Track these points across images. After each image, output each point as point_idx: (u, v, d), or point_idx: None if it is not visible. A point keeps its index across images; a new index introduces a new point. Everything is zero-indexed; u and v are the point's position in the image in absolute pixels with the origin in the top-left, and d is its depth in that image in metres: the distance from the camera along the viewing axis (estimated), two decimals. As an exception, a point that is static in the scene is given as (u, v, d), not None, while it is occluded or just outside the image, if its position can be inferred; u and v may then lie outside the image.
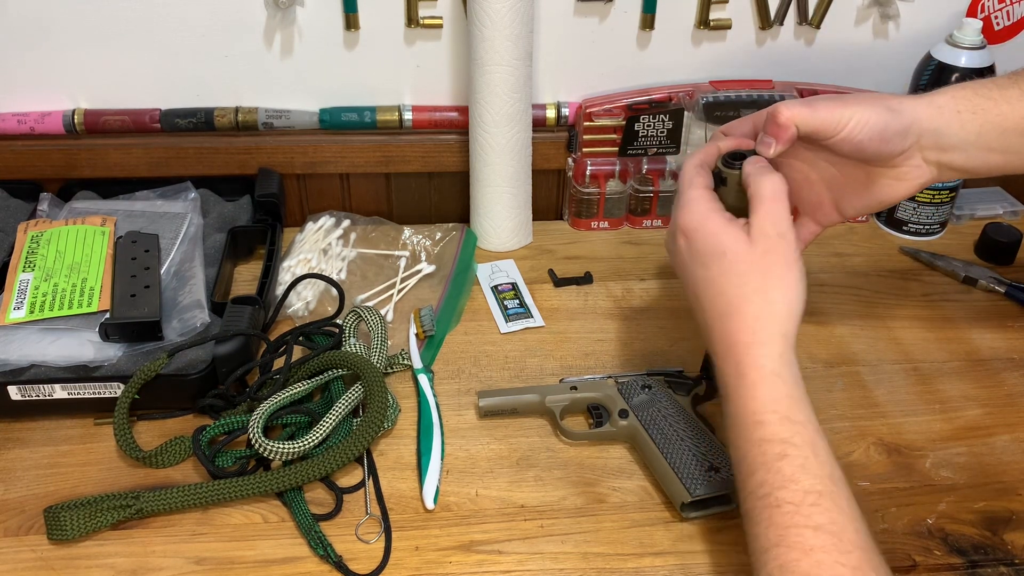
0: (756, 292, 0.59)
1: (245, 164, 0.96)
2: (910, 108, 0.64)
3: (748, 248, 0.59)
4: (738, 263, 0.59)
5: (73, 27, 0.89)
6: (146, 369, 0.71)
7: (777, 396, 0.56)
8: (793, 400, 0.57)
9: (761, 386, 0.57)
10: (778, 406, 0.56)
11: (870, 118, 0.62)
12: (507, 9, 0.82)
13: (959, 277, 0.92)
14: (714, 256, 0.60)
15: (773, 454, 0.54)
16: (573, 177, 0.98)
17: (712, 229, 0.61)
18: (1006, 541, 0.64)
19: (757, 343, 0.58)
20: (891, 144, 0.63)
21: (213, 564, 0.62)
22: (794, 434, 0.55)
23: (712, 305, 0.60)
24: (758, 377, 0.57)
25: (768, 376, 0.57)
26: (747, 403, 0.57)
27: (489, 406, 0.73)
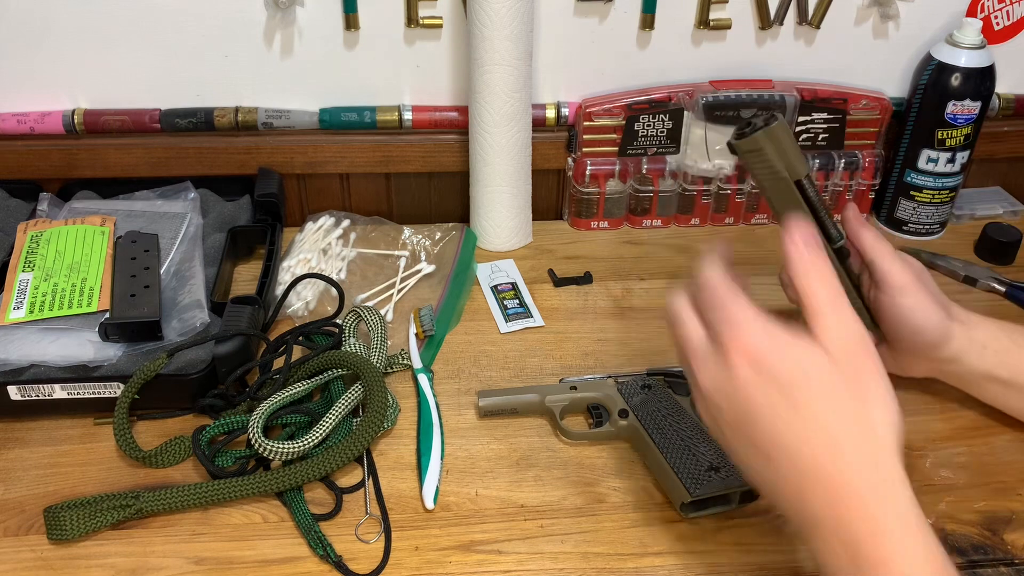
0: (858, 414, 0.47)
1: (245, 164, 0.96)
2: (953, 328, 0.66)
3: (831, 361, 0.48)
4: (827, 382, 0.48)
5: (73, 27, 0.89)
6: (146, 369, 0.71)
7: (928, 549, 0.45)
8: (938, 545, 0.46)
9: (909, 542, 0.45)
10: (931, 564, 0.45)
11: (924, 315, 0.65)
12: (507, 9, 0.82)
13: (959, 277, 0.92)
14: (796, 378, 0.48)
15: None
16: (573, 177, 0.98)
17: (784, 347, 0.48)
18: (1006, 541, 0.64)
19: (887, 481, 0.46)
20: (921, 343, 0.67)
21: (213, 564, 0.62)
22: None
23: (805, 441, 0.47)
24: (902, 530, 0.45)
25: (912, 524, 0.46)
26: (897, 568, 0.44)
27: (489, 406, 0.73)
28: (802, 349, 0.48)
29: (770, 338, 0.49)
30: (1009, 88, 1.01)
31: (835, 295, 0.49)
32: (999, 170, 1.07)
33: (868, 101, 0.96)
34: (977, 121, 0.92)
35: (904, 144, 0.96)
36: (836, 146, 0.98)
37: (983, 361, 0.68)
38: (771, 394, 0.48)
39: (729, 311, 0.50)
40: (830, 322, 0.49)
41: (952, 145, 0.93)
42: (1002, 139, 1.02)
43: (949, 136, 0.93)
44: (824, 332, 0.49)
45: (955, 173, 0.95)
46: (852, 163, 0.98)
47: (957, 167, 0.95)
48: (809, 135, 0.97)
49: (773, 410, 0.48)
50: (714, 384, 0.51)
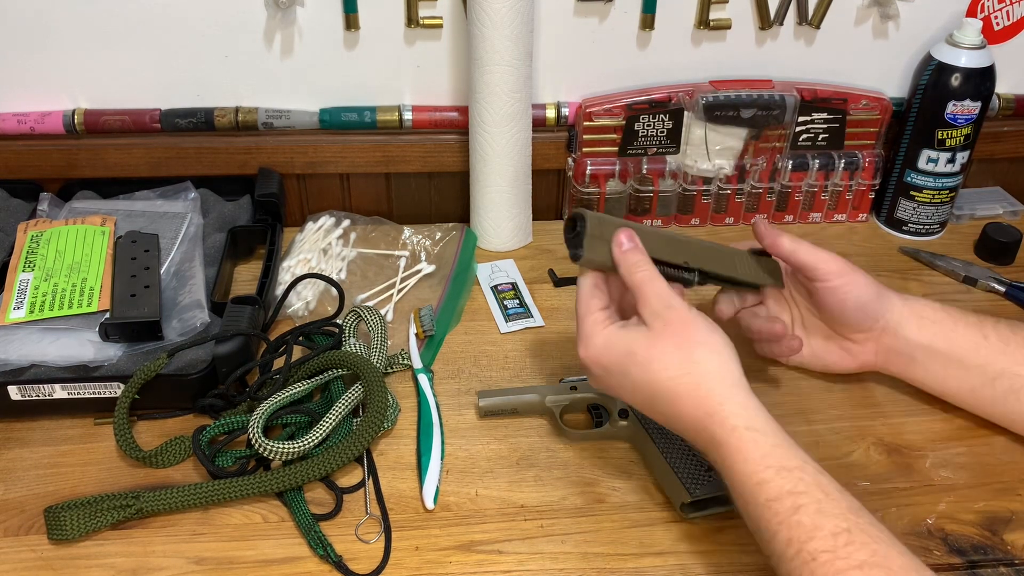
0: (683, 363, 0.58)
1: (245, 164, 0.96)
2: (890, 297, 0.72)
3: (648, 334, 0.60)
4: (650, 351, 0.59)
5: (73, 27, 0.89)
6: (146, 369, 0.71)
7: (763, 450, 0.55)
8: (780, 448, 0.56)
9: (743, 447, 0.56)
10: (769, 460, 0.55)
11: (862, 289, 0.70)
12: (507, 9, 0.82)
13: (959, 277, 0.92)
14: (627, 361, 0.60)
15: (786, 510, 0.53)
16: (573, 177, 0.98)
17: (610, 342, 0.61)
18: (1006, 541, 0.64)
19: (715, 408, 0.57)
20: (863, 317, 0.71)
21: (213, 564, 0.62)
22: (797, 481, 0.54)
23: (656, 402, 0.60)
24: (736, 440, 0.56)
25: (744, 433, 0.56)
26: (739, 468, 0.55)
27: (489, 406, 0.73)
28: (623, 335, 0.61)
29: (602, 339, 0.61)
30: (1009, 88, 1.01)
31: (648, 279, 0.61)
32: (999, 170, 1.07)
33: (868, 101, 0.96)
34: (977, 121, 0.92)
35: (904, 144, 0.96)
36: (836, 146, 0.98)
37: (922, 332, 0.71)
38: (617, 377, 0.61)
39: (581, 326, 0.63)
40: (646, 302, 0.61)
41: (952, 145, 0.93)
42: (1002, 139, 1.02)
43: (949, 136, 0.93)
44: (644, 311, 0.61)
45: (955, 173, 0.95)
46: (852, 163, 0.98)
47: (957, 167, 0.95)
48: (809, 135, 0.97)
49: (622, 386, 0.61)
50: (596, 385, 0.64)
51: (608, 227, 0.65)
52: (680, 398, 0.58)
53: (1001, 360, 0.69)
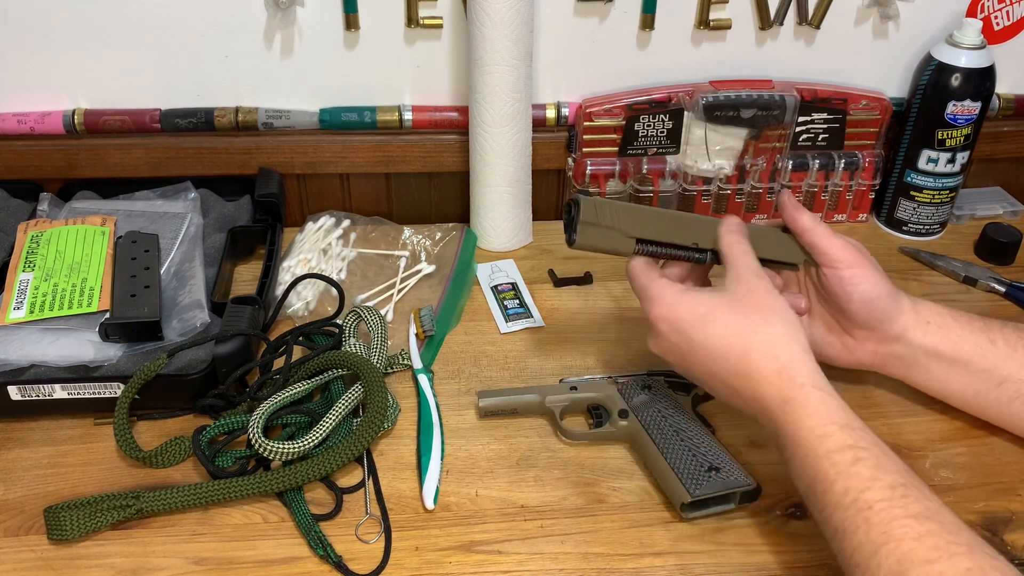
0: (758, 324, 0.61)
1: (245, 164, 0.96)
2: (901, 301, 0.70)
3: (729, 296, 0.63)
4: (728, 312, 0.62)
5: (73, 27, 0.89)
6: (146, 369, 0.71)
7: (830, 407, 0.57)
8: (843, 409, 0.58)
9: (810, 402, 0.57)
10: (834, 417, 0.57)
11: (873, 285, 0.68)
12: (507, 9, 0.82)
13: (959, 277, 0.92)
14: (703, 320, 0.62)
15: (846, 461, 0.54)
16: (573, 177, 0.98)
17: (691, 298, 0.63)
18: (1006, 541, 0.64)
19: (786, 366, 0.59)
20: (868, 316, 0.69)
21: (213, 564, 0.62)
22: (859, 438, 0.55)
23: (726, 361, 0.61)
24: (803, 396, 0.58)
25: (812, 391, 0.58)
26: (803, 422, 0.57)
27: (489, 406, 0.73)
28: (705, 294, 0.64)
29: (677, 297, 0.64)
30: (1009, 88, 1.01)
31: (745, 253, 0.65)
32: (999, 170, 1.07)
33: (868, 101, 0.96)
34: (977, 121, 0.92)
35: (904, 144, 0.96)
36: (836, 146, 0.98)
37: (927, 336, 0.70)
38: (688, 336, 0.63)
39: (648, 290, 0.66)
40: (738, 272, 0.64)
41: (952, 145, 0.93)
42: (1002, 139, 1.02)
43: (949, 136, 0.93)
44: (730, 277, 0.64)
45: (955, 173, 0.95)
46: (852, 163, 0.98)
47: (957, 167, 0.95)
48: (809, 135, 0.97)
49: (692, 345, 0.63)
50: (658, 350, 0.67)
51: (606, 213, 0.66)
52: (751, 355, 0.60)
53: (1008, 365, 0.68)
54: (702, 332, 0.62)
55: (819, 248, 0.69)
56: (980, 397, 0.70)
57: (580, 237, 0.66)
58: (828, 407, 0.57)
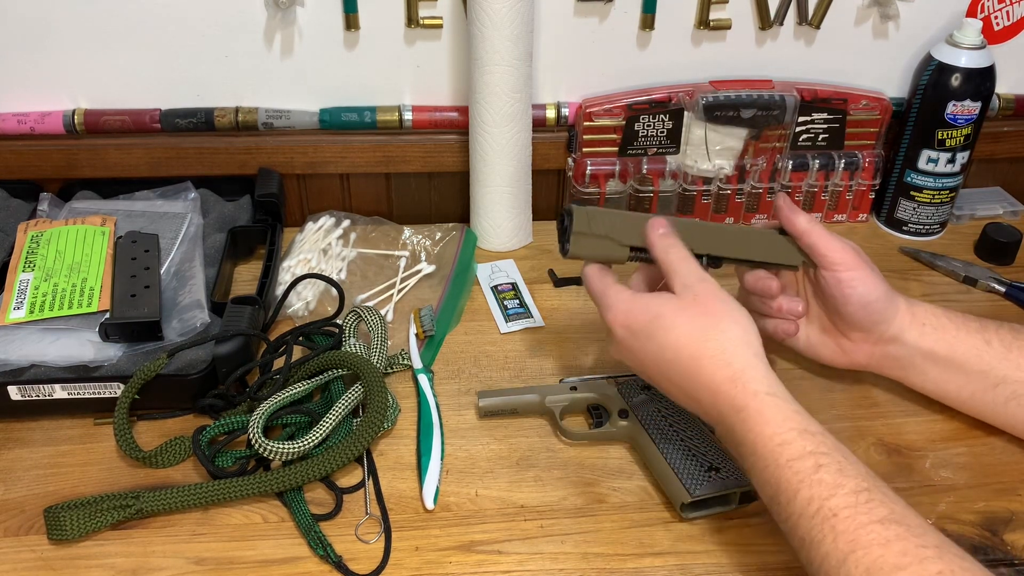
0: (708, 330, 0.60)
1: (245, 164, 0.96)
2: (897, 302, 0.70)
3: (677, 301, 0.62)
4: (677, 317, 0.61)
5: (73, 27, 0.89)
6: (146, 369, 0.71)
7: (786, 413, 0.56)
8: (800, 414, 0.57)
9: (765, 410, 0.57)
10: (791, 423, 0.56)
11: (870, 288, 0.69)
12: (507, 9, 0.82)
13: (959, 277, 0.92)
14: (653, 325, 0.61)
15: (807, 469, 0.53)
16: (573, 177, 0.98)
17: (639, 306, 0.63)
18: (1006, 541, 0.64)
19: (739, 373, 0.58)
20: (866, 318, 0.70)
21: (213, 564, 0.62)
22: (819, 444, 0.55)
23: (678, 366, 0.60)
24: (758, 403, 0.57)
25: (766, 399, 0.57)
26: (761, 431, 0.56)
27: (489, 406, 0.73)
28: (654, 300, 0.63)
29: (628, 304, 0.63)
30: (1009, 88, 1.01)
31: (684, 257, 0.64)
32: (999, 170, 1.07)
33: (868, 101, 0.96)
34: (977, 121, 0.92)
35: (904, 144, 0.96)
36: (836, 146, 0.98)
37: (923, 338, 0.70)
38: (641, 341, 0.62)
39: (601, 298, 0.65)
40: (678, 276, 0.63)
41: (952, 145, 0.93)
42: (1002, 139, 1.02)
43: (949, 136, 0.93)
44: (674, 283, 0.63)
45: (955, 173, 0.95)
46: (852, 163, 0.98)
47: (957, 167, 0.95)
48: (809, 135, 0.97)
49: (645, 351, 0.62)
50: (618, 354, 0.66)
51: (598, 222, 0.67)
52: (702, 361, 0.59)
53: (1003, 366, 0.68)
54: (653, 338, 0.61)
55: (817, 250, 0.69)
56: (976, 398, 0.70)
57: (573, 247, 0.67)
58: (784, 413, 0.56)
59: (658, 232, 0.66)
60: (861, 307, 0.69)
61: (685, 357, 0.60)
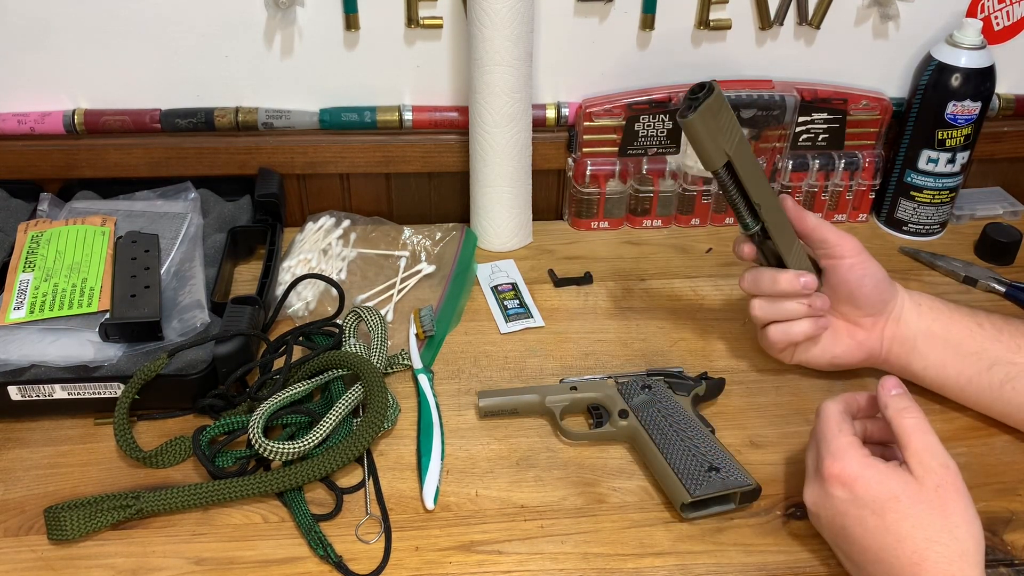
0: (941, 533, 0.55)
1: (245, 164, 0.96)
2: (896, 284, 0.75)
3: (919, 488, 0.56)
4: (914, 506, 0.56)
5: (73, 27, 0.89)
6: (146, 369, 0.71)
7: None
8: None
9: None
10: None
11: (876, 268, 0.73)
12: (507, 9, 0.82)
13: (959, 277, 0.92)
14: (883, 505, 0.56)
15: None
16: (573, 177, 0.98)
17: (877, 476, 0.58)
18: (1006, 541, 0.64)
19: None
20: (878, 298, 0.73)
21: (213, 564, 0.62)
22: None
23: (892, 559, 0.55)
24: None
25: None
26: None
27: (489, 406, 0.73)
28: (893, 477, 0.57)
29: (864, 467, 0.58)
30: (1009, 88, 1.01)
31: (920, 428, 0.58)
32: (999, 170, 1.07)
33: (868, 101, 0.96)
34: (977, 121, 0.92)
35: (904, 144, 0.96)
36: (836, 146, 0.98)
37: (922, 318, 0.74)
38: (863, 513, 0.57)
39: (832, 443, 0.60)
40: (918, 455, 0.57)
41: (952, 145, 0.93)
42: (1002, 139, 1.02)
43: (949, 136, 0.93)
44: (913, 461, 0.57)
45: (955, 173, 0.95)
46: (852, 163, 0.98)
47: (957, 167, 0.95)
48: (809, 135, 0.97)
49: (863, 526, 0.57)
50: (815, 501, 0.61)
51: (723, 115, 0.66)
52: (925, 564, 0.54)
53: (996, 348, 0.71)
54: (878, 516, 0.56)
55: (830, 242, 0.72)
56: (973, 383, 0.72)
57: (697, 118, 0.64)
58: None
59: (891, 392, 0.61)
60: (873, 286, 0.73)
61: (907, 552, 0.55)
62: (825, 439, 0.61)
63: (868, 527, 0.57)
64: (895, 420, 0.60)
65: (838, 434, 0.60)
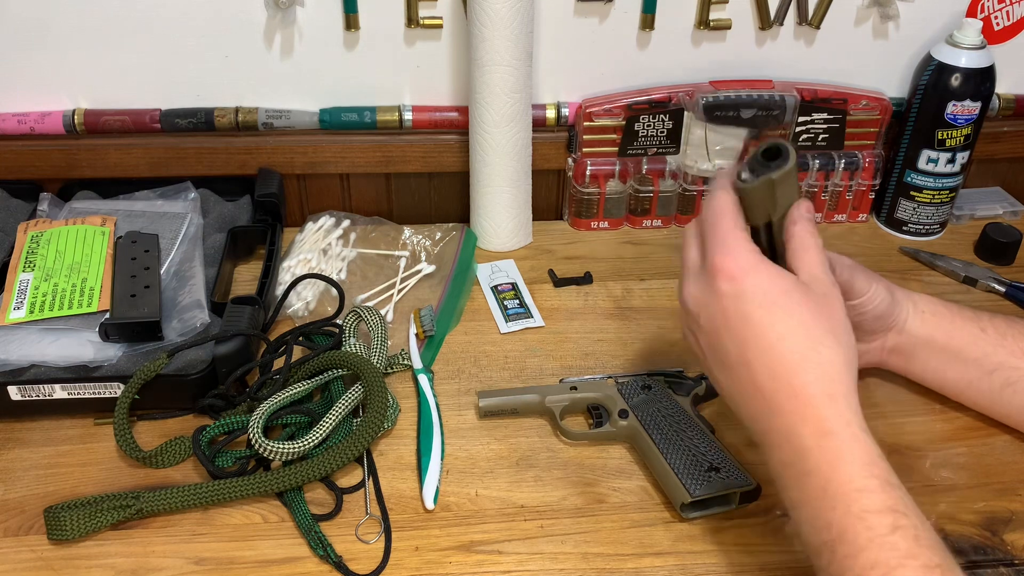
0: (826, 335, 0.53)
1: (245, 164, 0.96)
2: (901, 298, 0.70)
3: (807, 290, 0.54)
4: (803, 304, 0.53)
5: (73, 27, 0.89)
6: (146, 369, 0.71)
7: (872, 457, 0.50)
8: (883, 461, 0.51)
9: (854, 445, 0.50)
10: (876, 468, 0.50)
11: (883, 298, 0.69)
12: (507, 9, 0.82)
13: (959, 277, 0.92)
14: (773, 300, 0.54)
15: (883, 527, 0.47)
16: (573, 177, 0.98)
17: (768, 270, 0.55)
18: (1006, 541, 0.64)
19: (838, 394, 0.52)
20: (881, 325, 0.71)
21: (213, 564, 0.62)
22: (898, 500, 0.49)
23: (773, 357, 0.53)
24: (849, 435, 0.51)
25: (858, 433, 0.51)
26: (840, 468, 0.50)
27: (489, 406, 0.73)
28: (783, 275, 0.55)
29: (754, 262, 0.55)
30: (1009, 88, 1.01)
31: (819, 247, 0.56)
32: (999, 170, 1.07)
33: (868, 101, 0.96)
34: (977, 121, 0.92)
35: (904, 144, 0.96)
36: (836, 146, 0.98)
37: (924, 326, 0.71)
38: (744, 311, 0.54)
39: (722, 234, 0.56)
40: (812, 266, 0.56)
41: (952, 145, 0.93)
42: (1002, 139, 1.02)
43: (949, 136, 0.93)
44: (805, 271, 0.56)
45: (955, 173, 0.95)
46: (852, 163, 0.98)
47: (957, 167, 0.95)
48: (809, 135, 0.97)
49: (740, 323, 0.54)
50: (696, 298, 0.57)
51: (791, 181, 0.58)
52: (806, 365, 0.52)
53: (999, 353, 0.69)
54: (766, 312, 0.53)
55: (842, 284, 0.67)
56: (973, 387, 0.71)
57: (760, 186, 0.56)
58: (871, 456, 0.50)
59: (803, 211, 0.58)
60: (875, 320, 0.70)
61: (791, 351, 0.53)
62: (717, 231, 0.56)
63: (752, 322, 0.54)
64: (794, 228, 0.57)
65: (733, 228, 0.56)
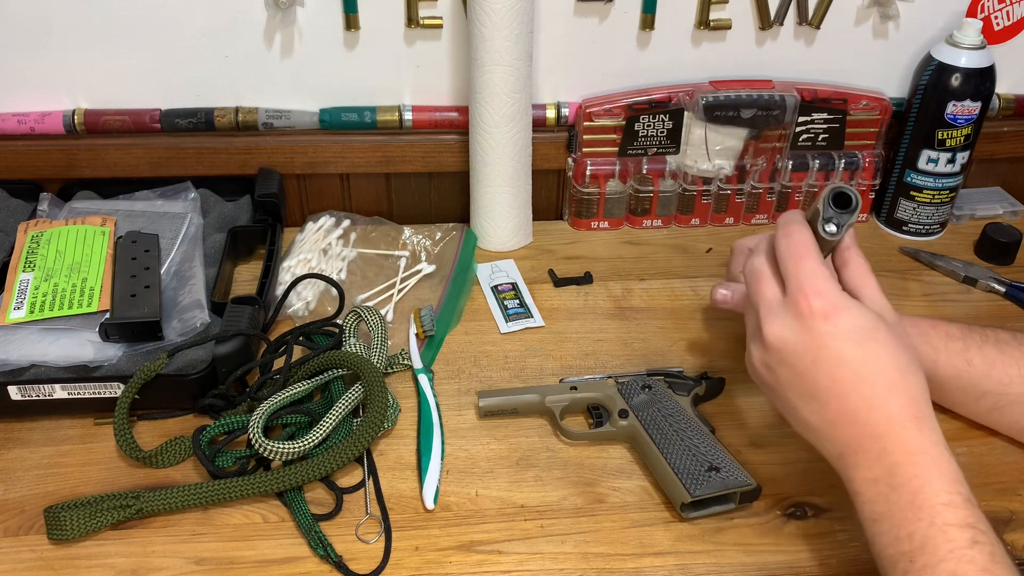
0: (911, 364, 0.56)
1: (245, 164, 0.96)
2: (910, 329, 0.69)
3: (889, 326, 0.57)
4: (889, 340, 0.56)
5: (73, 27, 0.89)
6: (146, 369, 0.71)
7: (957, 475, 0.53)
8: (964, 481, 0.53)
9: (941, 462, 0.53)
10: (959, 486, 0.52)
11: None
12: (507, 9, 0.82)
13: (959, 277, 0.92)
14: (865, 336, 0.56)
15: (962, 541, 0.50)
16: (573, 177, 0.98)
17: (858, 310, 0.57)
18: (1006, 541, 0.64)
19: (925, 417, 0.55)
20: None
21: (213, 564, 0.62)
22: (978, 519, 0.51)
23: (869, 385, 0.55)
24: (937, 453, 0.53)
25: (944, 452, 0.54)
26: (929, 482, 0.52)
27: (489, 406, 0.73)
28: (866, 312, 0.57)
29: (845, 302, 0.57)
30: (1009, 88, 1.01)
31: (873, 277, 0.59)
32: (999, 170, 1.07)
33: (868, 101, 0.96)
34: (977, 121, 0.92)
35: (904, 144, 0.96)
36: (836, 146, 0.98)
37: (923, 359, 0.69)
38: (842, 347, 0.55)
39: (809, 273, 0.57)
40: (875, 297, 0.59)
41: (952, 145, 0.93)
42: (1002, 139, 1.02)
43: (949, 136, 0.93)
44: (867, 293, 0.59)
45: (955, 173, 0.95)
46: (852, 163, 0.98)
47: (957, 167, 0.95)
48: (809, 135, 0.97)
49: (840, 359, 0.55)
50: (782, 336, 0.58)
51: None
52: (897, 391, 0.55)
53: (985, 383, 0.69)
54: (861, 349, 0.56)
55: None
56: (959, 407, 0.72)
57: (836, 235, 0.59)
58: (956, 474, 0.53)
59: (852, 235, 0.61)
60: None
61: (883, 382, 0.55)
62: (803, 270, 0.57)
63: (847, 358, 0.56)
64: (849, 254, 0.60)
65: (819, 266, 0.57)
